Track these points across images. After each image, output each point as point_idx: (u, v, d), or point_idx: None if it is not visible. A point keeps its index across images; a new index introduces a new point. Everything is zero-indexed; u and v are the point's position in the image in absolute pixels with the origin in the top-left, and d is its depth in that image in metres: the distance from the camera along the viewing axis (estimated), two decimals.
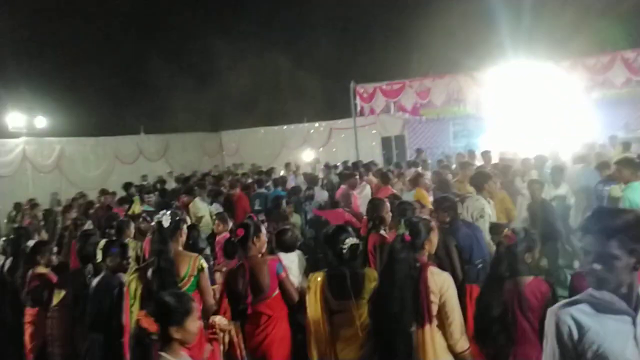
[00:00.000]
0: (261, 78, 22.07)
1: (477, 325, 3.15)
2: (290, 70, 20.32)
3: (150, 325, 2.16)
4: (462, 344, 3.01)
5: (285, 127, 20.46)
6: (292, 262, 4.16)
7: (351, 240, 3.39)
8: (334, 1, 22.98)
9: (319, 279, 3.39)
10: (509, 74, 12.72)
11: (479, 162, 10.22)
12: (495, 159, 10.20)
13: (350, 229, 3.59)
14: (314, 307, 3.34)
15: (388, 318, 2.92)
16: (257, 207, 8.72)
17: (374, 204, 4.98)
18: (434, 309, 3.00)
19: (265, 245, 3.89)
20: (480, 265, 4.40)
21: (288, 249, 4.34)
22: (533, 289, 3.00)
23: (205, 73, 21.00)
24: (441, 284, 3.03)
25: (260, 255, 3.76)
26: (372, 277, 3.36)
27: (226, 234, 5.91)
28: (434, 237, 3.29)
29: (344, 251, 3.37)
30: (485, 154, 10.46)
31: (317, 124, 19.93)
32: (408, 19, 20.74)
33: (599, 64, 12.29)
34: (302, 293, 3.68)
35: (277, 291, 3.63)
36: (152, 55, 20.42)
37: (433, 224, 3.35)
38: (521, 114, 12.98)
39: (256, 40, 21.15)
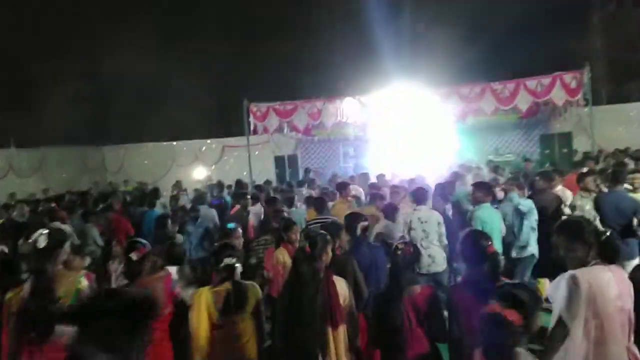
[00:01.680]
0: (150, 91, 21.20)
1: (378, 334, 3.37)
2: (182, 85, 19.78)
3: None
4: (358, 342, 3.51)
5: (175, 143, 19.76)
6: (178, 278, 4.26)
7: (229, 260, 3.46)
8: (227, 18, 22.93)
9: (203, 294, 3.45)
10: (394, 98, 13.50)
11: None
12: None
13: (234, 247, 3.71)
14: (198, 322, 3.39)
15: (301, 322, 3.26)
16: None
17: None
18: (344, 311, 3.40)
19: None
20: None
21: (177, 262, 4.44)
22: (424, 295, 3.27)
23: (88, 82, 19.67)
24: (344, 290, 3.50)
25: (150, 274, 3.83)
26: (255, 292, 3.51)
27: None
28: (329, 250, 3.62)
29: (220, 269, 3.48)
30: (380, 177, 10.90)
31: (209, 141, 19.53)
32: (301, 43, 21.28)
33: (472, 93, 13.48)
34: (185, 306, 3.74)
35: (170, 307, 3.70)
36: (27, 60, 18.76)
37: (329, 237, 3.68)
38: (403, 137, 13.79)
39: (145, 50, 20.31)
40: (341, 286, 3.49)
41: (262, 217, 8.00)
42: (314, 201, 7.54)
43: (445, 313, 3.32)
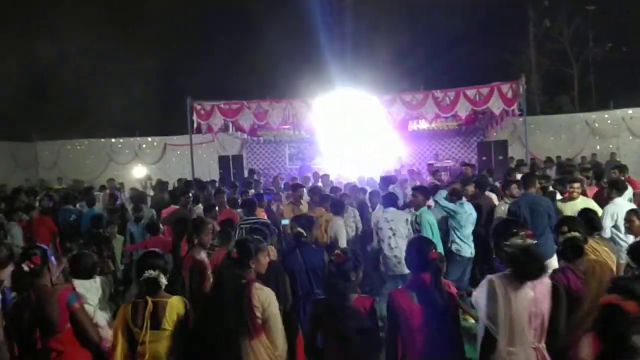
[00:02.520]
0: (87, 85, 20.35)
1: (312, 341, 3.30)
2: (122, 79, 19.10)
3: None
4: (285, 355, 3.30)
5: (113, 140, 19.04)
6: (88, 291, 3.77)
7: (149, 274, 3.22)
8: (174, 14, 22.40)
9: (123, 308, 3.27)
10: (339, 102, 13.64)
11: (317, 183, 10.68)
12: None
13: (160, 256, 3.37)
14: (114, 338, 3.24)
15: (218, 331, 3.16)
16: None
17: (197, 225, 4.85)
18: (259, 323, 3.20)
19: (57, 273, 3.62)
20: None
21: (84, 275, 3.89)
22: (359, 305, 3.19)
23: (19, 73, 18.57)
24: (264, 299, 3.24)
25: (50, 285, 3.41)
26: (178, 307, 3.24)
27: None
28: (262, 257, 3.46)
29: (141, 282, 3.25)
30: (325, 177, 10.98)
31: (150, 139, 18.95)
32: (248, 43, 21.10)
33: (414, 100, 13.82)
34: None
35: (68, 324, 3.29)
36: None
37: (264, 244, 3.54)
38: (349, 140, 13.95)
39: (85, 44, 19.51)
40: (260, 295, 3.25)
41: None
42: (242, 203, 7.45)
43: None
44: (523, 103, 13.62)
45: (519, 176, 9.26)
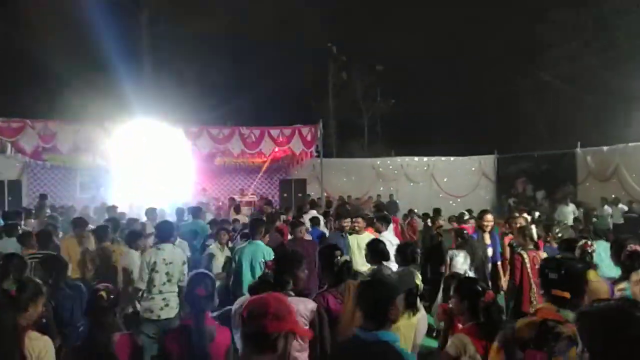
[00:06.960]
0: None
1: None
2: None
3: None
4: None
5: None
6: None
7: None
8: None
9: None
10: (140, 131, 13.00)
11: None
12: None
13: None
14: None
15: None
16: None
17: None
18: None
19: None
20: (81, 328, 4.08)
21: None
22: (124, 345, 3.04)
23: None
24: (39, 349, 2.86)
25: None
26: None
27: None
28: (41, 303, 3.09)
29: None
30: (112, 209, 10.22)
31: None
32: (36, 57, 18.78)
33: (221, 134, 13.94)
34: None
35: None
36: None
37: (43, 288, 3.16)
38: (149, 171, 13.31)
39: None
40: (35, 345, 2.88)
41: None
42: (37, 233, 6.47)
43: None
44: (320, 146, 14.79)
45: (313, 212, 10.00)
